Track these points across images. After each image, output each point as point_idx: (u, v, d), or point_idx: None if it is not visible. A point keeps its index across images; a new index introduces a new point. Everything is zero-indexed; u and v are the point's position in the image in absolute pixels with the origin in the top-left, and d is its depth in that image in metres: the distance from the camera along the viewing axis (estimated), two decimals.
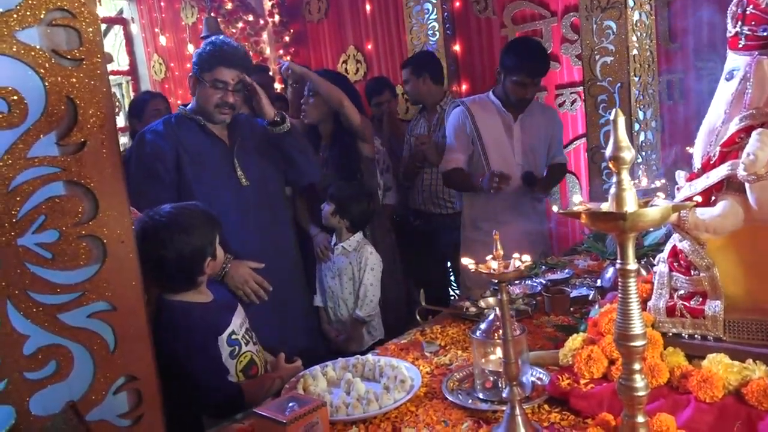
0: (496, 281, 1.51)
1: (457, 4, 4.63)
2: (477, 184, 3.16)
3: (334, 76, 3.45)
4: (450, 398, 1.81)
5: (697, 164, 1.71)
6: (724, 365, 1.61)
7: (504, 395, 1.67)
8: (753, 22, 1.58)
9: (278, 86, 5.05)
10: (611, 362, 1.71)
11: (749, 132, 1.58)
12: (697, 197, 1.61)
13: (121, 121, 5.96)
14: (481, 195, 3.25)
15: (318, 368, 1.99)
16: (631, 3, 3.31)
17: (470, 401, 1.78)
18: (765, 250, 1.62)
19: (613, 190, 1.34)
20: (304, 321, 3.01)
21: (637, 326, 1.38)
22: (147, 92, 4.33)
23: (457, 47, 4.89)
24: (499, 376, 1.76)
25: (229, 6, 5.28)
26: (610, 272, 2.38)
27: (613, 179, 1.33)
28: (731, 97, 1.65)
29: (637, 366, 1.38)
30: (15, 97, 1.44)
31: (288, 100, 4.10)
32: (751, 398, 1.56)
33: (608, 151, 1.33)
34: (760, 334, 1.63)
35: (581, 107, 4.08)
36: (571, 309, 2.30)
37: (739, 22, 1.62)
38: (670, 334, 1.74)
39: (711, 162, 1.63)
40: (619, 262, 1.38)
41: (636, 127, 3.39)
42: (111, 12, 6.92)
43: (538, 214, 3.50)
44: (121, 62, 7.09)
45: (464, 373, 1.90)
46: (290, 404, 1.58)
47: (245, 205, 2.56)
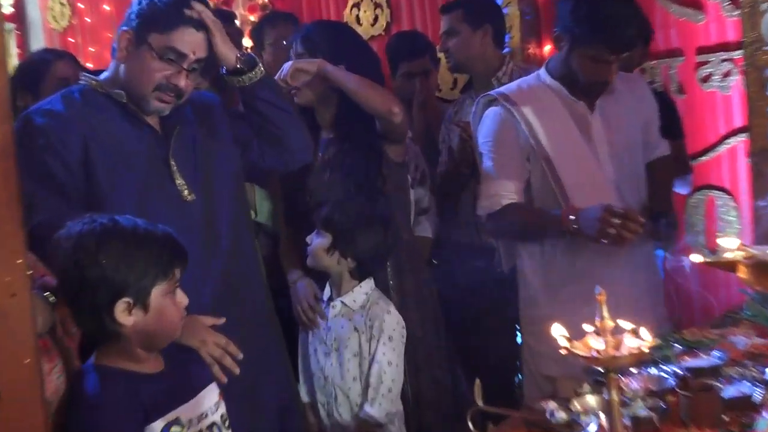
0: (601, 369, 1.46)
1: None
2: (566, 225, 2.80)
3: (335, 30, 3.37)
4: None
5: None
6: None
7: None
8: None
9: (247, 42, 4.86)
10: None
11: None
12: None
13: None
14: (561, 244, 3.02)
15: None
16: None
17: None
18: None
19: None
20: (282, 420, 2.83)
21: None
22: (47, 51, 4.10)
23: None
24: None
25: None
26: None
27: None
28: None
29: None
30: None
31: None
32: None
33: None
34: None
35: (738, 84, 3.89)
36: (725, 417, 2.18)
37: None
38: None
39: None
40: None
41: None
42: None
43: (651, 261, 3.28)
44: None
45: None
46: None
47: (189, 230, 2.49)
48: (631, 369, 2.42)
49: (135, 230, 2.04)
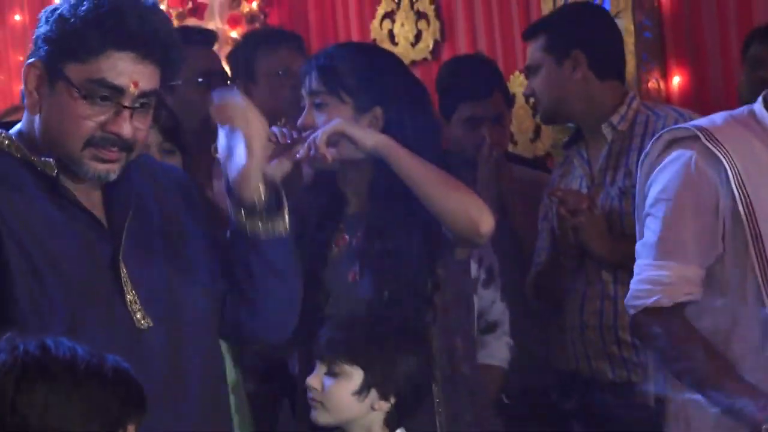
0: None
1: None
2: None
3: (369, 57, 3.38)
4: None
5: None
6: None
7: None
8: None
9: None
10: None
11: None
12: None
13: None
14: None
15: None
16: None
17: None
18: None
19: None
20: None
21: None
22: None
23: None
24: None
25: None
26: None
27: None
28: None
29: None
30: None
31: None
32: None
33: None
34: None
35: None
36: None
37: None
38: None
39: None
40: None
41: None
42: None
43: None
44: None
45: None
46: None
47: (144, 370, 2.34)
48: None
49: (73, 366, 2.01)
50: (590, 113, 3.87)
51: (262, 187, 2.72)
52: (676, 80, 4.61)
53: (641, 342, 3.32)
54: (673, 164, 3.08)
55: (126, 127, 2.51)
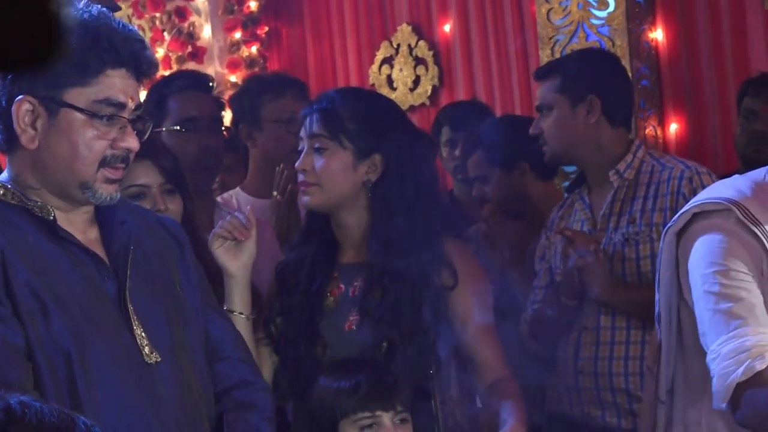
0: None
1: None
2: None
3: (371, 103, 3.33)
4: None
5: None
6: None
7: None
8: None
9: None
10: None
11: None
12: None
13: None
14: None
15: None
16: None
17: None
18: None
19: None
20: None
21: None
22: None
23: (656, 33, 4.80)
24: None
25: None
26: None
27: None
28: None
29: None
30: None
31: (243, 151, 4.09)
32: None
33: None
34: None
35: None
36: None
37: None
38: None
39: None
40: None
41: None
42: None
43: None
44: None
45: None
46: None
47: (155, 403, 2.54)
48: None
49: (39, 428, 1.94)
50: (598, 159, 3.86)
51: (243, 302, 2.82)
52: (673, 128, 4.59)
53: (756, 422, 2.95)
54: (712, 236, 2.99)
55: (133, 141, 2.54)
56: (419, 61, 5.53)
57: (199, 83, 4.35)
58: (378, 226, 3.21)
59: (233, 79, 5.82)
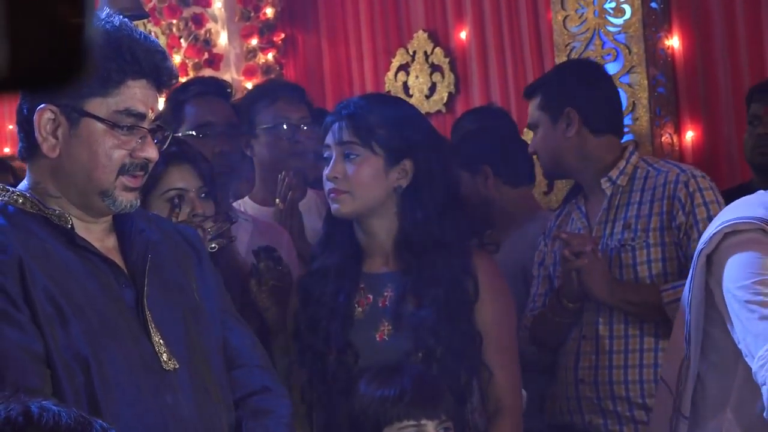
0: None
1: None
2: None
3: (399, 110, 3.35)
4: None
5: None
6: None
7: None
8: None
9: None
10: None
11: None
12: None
13: None
14: None
15: None
16: None
17: None
18: None
19: None
20: None
21: None
22: None
23: (672, 41, 4.79)
24: None
25: None
26: None
27: None
28: None
29: None
30: None
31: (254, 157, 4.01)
32: None
33: None
34: None
35: None
36: None
37: None
38: None
39: None
40: None
41: None
42: None
43: None
44: None
45: None
46: None
47: (174, 411, 2.55)
48: None
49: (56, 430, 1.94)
50: (587, 169, 3.87)
51: None
52: (690, 135, 4.56)
53: None
54: (748, 253, 3.02)
55: (153, 151, 2.56)
56: (435, 68, 5.53)
57: (215, 89, 4.41)
58: (409, 233, 3.23)
59: (249, 86, 5.72)
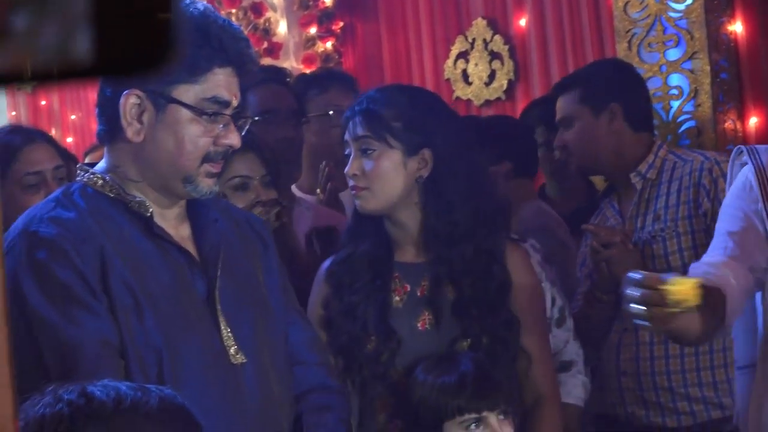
0: None
1: None
2: None
3: (416, 99, 3.27)
4: None
5: None
6: None
7: None
8: None
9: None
10: None
11: None
12: None
13: None
14: None
15: None
16: None
17: None
18: None
19: None
20: None
21: None
22: (12, 130, 4.12)
23: (735, 26, 4.69)
24: None
25: None
26: None
27: None
28: None
29: None
30: None
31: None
32: None
33: None
34: None
35: None
36: None
37: None
38: None
39: None
40: None
41: None
42: None
43: None
44: None
45: None
46: None
47: (240, 405, 2.55)
48: None
49: (118, 405, 1.95)
50: (620, 164, 3.89)
51: None
52: (753, 121, 4.50)
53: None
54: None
55: (236, 138, 2.58)
56: (494, 55, 5.48)
57: (277, 77, 4.42)
58: (434, 223, 3.21)
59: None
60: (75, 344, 2.48)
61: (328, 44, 6.12)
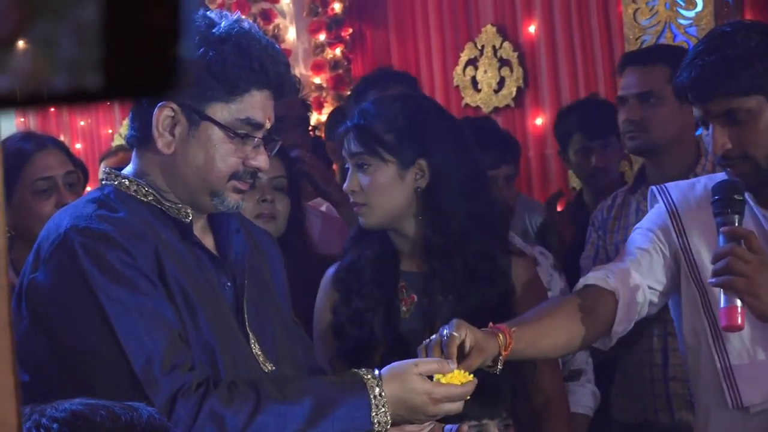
0: None
1: None
2: None
3: (414, 111, 3.19)
4: None
5: None
6: None
7: None
8: None
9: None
10: None
11: None
12: None
13: None
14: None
15: None
16: None
17: None
18: None
19: None
20: None
21: None
22: (24, 137, 4.05)
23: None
24: None
25: None
26: None
27: None
28: None
29: None
30: None
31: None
32: None
33: None
34: None
35: None
36: None
37: None
38: None
39: None
40: None
41: None
42: None
43: None
44: None
45: None
46: None
47: None
48: None
49: (114, 423, 1.88)
50: (679, 160, 3.89)
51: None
52: None
53: None
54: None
55: (264, 160, 2.58)
56: (504, 62, 5.46)
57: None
58: (430, 234, 3.20)
59: (317, 81, 5.69)
60: (155, 319, 2.51)
61: (337, 51, 6.09)
